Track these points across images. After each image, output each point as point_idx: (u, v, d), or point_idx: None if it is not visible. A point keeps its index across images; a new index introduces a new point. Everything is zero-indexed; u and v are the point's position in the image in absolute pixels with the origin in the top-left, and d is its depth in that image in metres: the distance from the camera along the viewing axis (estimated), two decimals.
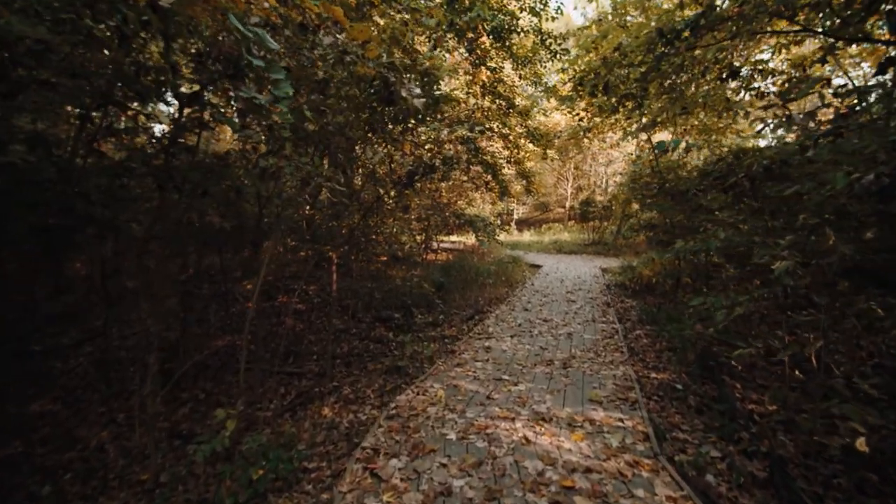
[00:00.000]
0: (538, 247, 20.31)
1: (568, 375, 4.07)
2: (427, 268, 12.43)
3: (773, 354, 4.85)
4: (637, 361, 4.97)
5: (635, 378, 4.05)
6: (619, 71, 5.70)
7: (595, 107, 6.71)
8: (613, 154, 24.69)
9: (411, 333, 7.52)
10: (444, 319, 7.97)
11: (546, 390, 3.72)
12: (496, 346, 5.02)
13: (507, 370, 4.24)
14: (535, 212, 33.06)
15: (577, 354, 4.71)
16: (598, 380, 4.02)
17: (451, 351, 4.92)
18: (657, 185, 5.31)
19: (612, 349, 4.91)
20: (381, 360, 5.94)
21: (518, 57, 9.24)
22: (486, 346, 5.02)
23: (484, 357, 4.70)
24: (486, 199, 18.98)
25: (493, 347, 5.00)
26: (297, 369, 5.87)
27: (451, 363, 4.56)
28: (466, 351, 4.94)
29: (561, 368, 4.27)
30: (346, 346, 6.85)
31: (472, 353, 4.83)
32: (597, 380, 4.01)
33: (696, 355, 4.73)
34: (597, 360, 4.51)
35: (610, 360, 4.56)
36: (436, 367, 4.53)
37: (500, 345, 5.08)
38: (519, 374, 4.12)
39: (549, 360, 4.47)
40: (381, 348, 6.61)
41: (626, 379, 4.03)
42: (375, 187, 5.18)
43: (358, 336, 7.46)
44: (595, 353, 4.79)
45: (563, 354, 4.70)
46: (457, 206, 14.70)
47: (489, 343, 5.19)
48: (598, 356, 4.67)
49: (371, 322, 8.29)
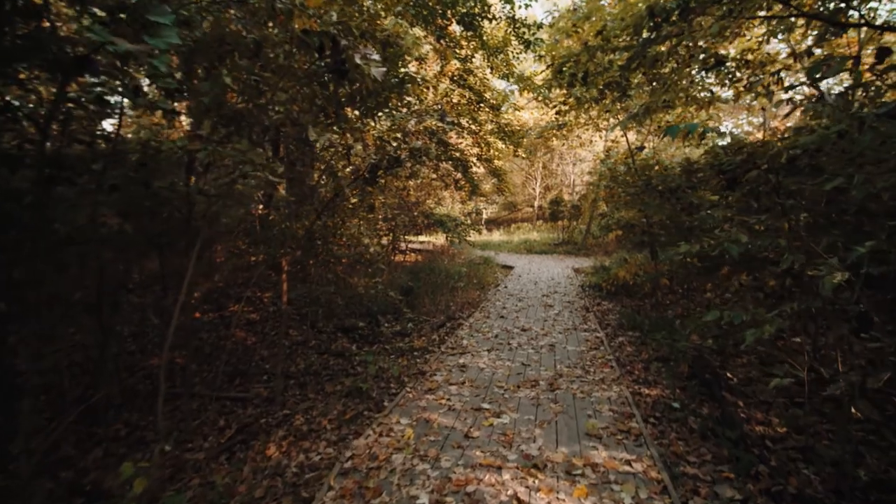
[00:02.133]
0: (508, 247, 19.98)
1: (557, 400, 3.53)
2: (395, 270, 11.75)
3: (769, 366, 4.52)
4: (625, 374, 4.52)
5: (632, 401, 3.55)
6: (601, 57, 5.25)
7: (573, 98, 6.25)
8: (581, 154, 24.77)
9: (377, 345, 6.85)
10: (414, 328, 7.34)
11: (534, 422, 3.16)
12: (472, 364, 4.44)
13: (487, 395, 3.68)
14: (504, 211, 32.89)
15: (564, 372, 4.20)
16: (592, 404, 3.50)
17: (422, 372, 4.29)
18: (644, 182, 4.91)
19: (601, 363, 4.43)
20: (341, 379, 5.24)
21: (489, 47, 8.72)
22: (461, 364, 4.43)
23: (459, 378, 4.15)
24: (456, 198, 18.47)
25: (469, 365, 4.43)
26: (242, 394, 5.07)
27: (421, 388, 3.92)
28: (439, 370, 4.32)
29: (548, 390, 3.74)
30: (301, 363, 6.09)
31: (445, 374, 4.22)
32: (590, 404, 3.49)
33: (690, 367, 4.32)
34: (586, 379, 4.01)
35: (600, 377, 4.07)
36: (403, 394, 3.87)
37: (477, 362, 4.51)
38: (501, 400, 3.55)
39: (533, 381, 3.93)
40: (343, 364, 5.90)
41: (623, 402, 3.53)
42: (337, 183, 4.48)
43: (317, 349, 6.70)
44: (583, 368, 4.30)
45: (548, 372, 4.18)
46: (425, 206, 14.08)
47: (464, 360, 4.60)
48: (586, 373, 4.18)
49: (332, 332, 7.53)
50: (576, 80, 5.70)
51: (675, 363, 4.41)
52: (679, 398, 4.00)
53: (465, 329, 6.04)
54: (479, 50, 8.91)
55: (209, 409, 4.75)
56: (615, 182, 7.06)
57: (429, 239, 18.81)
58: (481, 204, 29.13)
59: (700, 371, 4.28)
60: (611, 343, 5.61)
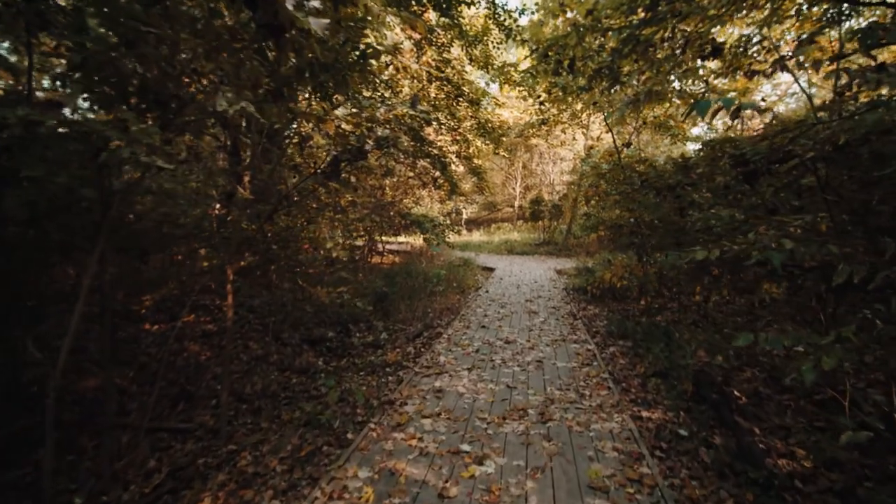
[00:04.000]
0: (489, 247, 19.52)
1: (550, 437, 2.97)
2: (370, 273, 11.08)
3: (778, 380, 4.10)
4: (622, 392, 4.03)
5: (638, 435, 3.02)
6: (590, 41, 4.75)
7: (558, 88, 5.76)
8: (562, 153, 24.56)
9: (346, 359, 6.22)
10: (388, 339, 6.72)
11: (525, 470, 2.58)
12: (450, 388, 3.86)
13: (468, 432, 3.08)
14: (484, 211, 32.49)
15: (556, 395, 3.66)
16: (592, 441, 2.94)
17: (390, 401, 3.65)
18: (640, 179, 4.46)
19: (596, 383, 3.92)
20: (301, 403, 4.59)
21: (468, 35, 8.17)
22: (437, 389, 3.83)
23: (434, 408, 3.53)
24: (435, 198, 17.90)
25: (447, 390, 3.87)
26: (183, 424, 4.36)
27: (388, 423, 3.28)
28: (411, 398, 3.69)
29: (539, 422, 3.18)
30: (259, 382, 5.40)
31: (418, 402, 3.60)
32: (589, 441, 2.94)
33: (694, 385, 3.86)
34: (581, 405, 3.48)
35: (597, 402, 3.55)
36: (366, 433, 3.21)
37: (456, 385, 3.92)
38: (484, 437, 2.96)
39: (521, 409, 3.37)
40: (305, 384, 5.24)
41: (628, 437, 3.00)
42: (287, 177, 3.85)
43: (278, 366, 6.01)
44: (576, 390, 3.77)
45: (537, 397, 3.62)
46: (402, 205, 13.45)
47: (441, 382, 4.00)
48: (581, 396, 3.65)
49: (298, 344, 6.83)
50: (562, 67, 5.20)
51: (677, 381, 3.94)
52: (685, 422, 3.52)
53: (443, 342, 5.45)
54: (457, 39, 8.35)
55: (141, 445, 4.03)
56: (602, 179, 6.60)
57: (408, 239, 18.18)
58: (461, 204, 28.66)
59: (705, 388, 3.82)
60: (602, 354, 5.13)
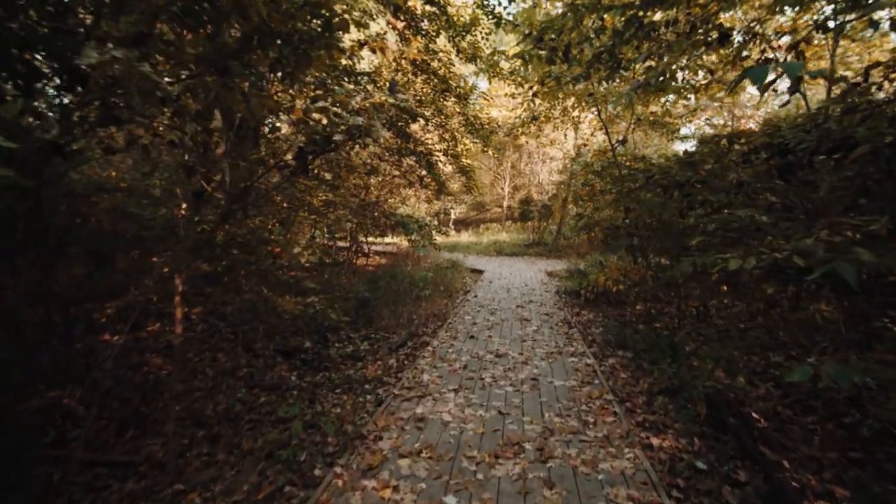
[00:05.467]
0: (477, 248, 19.08)
1: (552, 482, 2.43)
2: (354, 275, 10.54)
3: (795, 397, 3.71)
4: (626, 414, 3.59)
5: (657, 479, 2.54)
6: (588, 23, 4.32)
7: (552, 79, 5.32)
8: (551, 152, 24.27)
9: (322, 373, 5.69)
10: (369, 349, 6.21)
11: None
12: (434, 415, 3.37)
13: (452, 476, 2.57)
14: (473, 212, 32.10)
15: (555, 424, 3.16)
16: (602, 487, 2.41)
17: (361, 436, 3.10)
18: (644, 176, 4.05)
19: (599, 407, 3.46)
20: (265, 428, 4.06)
21: (456, 25, 7.70)
22: (418, 417, 3.33)
23: (413, 443, 2.99)
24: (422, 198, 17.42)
25: (429, 418, 3.36)
26: (127, 456, 3.79)
27: (358, 465, 2.71)
28: (388, 429, 3.17)
29: (538, 461, 2.67)
30: (223, 401, 4.85)
31: (395, 435, 3.12)
32: (599, 487, 2.42)
33: (708, 406, 3.44)
34: (586, 437, 2.99)
35: (603, 431, 3.08)
36: (330, 481, 2.66)
37: (440, 410, 3.39)
38: (472, 485, 2.43)
39: (516, 444, 2.87)
40: (275, 403, 4.71)
41: (645, 482, 2.50)
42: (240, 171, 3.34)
43: (247, 381, 5.45)
44: (578, 417, 3.29)
45: (534, 426, 3.12)
46: (387, 205, 12.93)
47: (422, 408, 3.49)
48: (584, 425, 3.17)
49: (271, 356, 6.28)
50: (556, 55, 4.77)
51: (688, 402, 3.51)
52: (701, 451, 3.09)
53: (427, 356, 4.95)
54: (444, 30, 7.88)
55: (75, 485, 3.46)
56: (598, 177, 6.19)
57: (395, 240, 17.66)
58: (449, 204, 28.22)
59: (720, 410, 3.41)
60: (601, 367, 4.70)
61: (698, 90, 5.32)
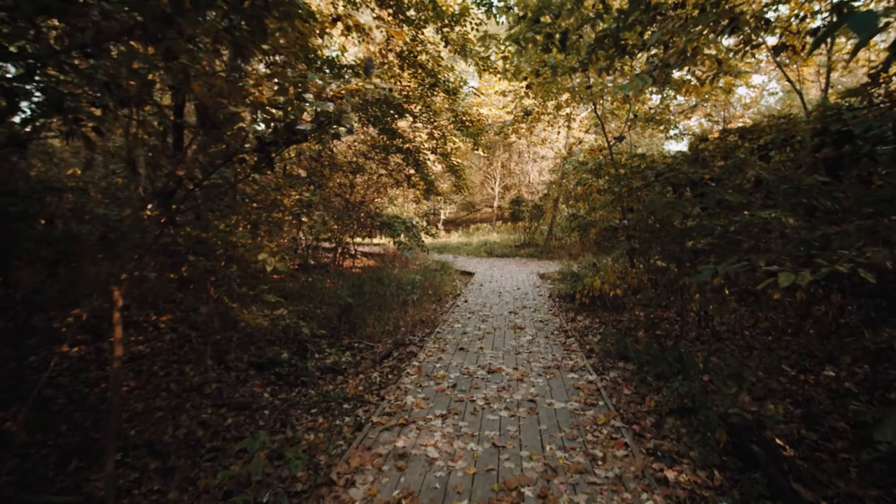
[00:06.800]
0: (467, 249, 18.67)
1: None
2: (339, 278, 10.05)
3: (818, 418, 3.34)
4: (635, 440, 3.19)
5: None
6: (589, 3, 3.92)
7: (548, 68, 4.92)
8: (542, 152, 23.98)
9: (299, 388, 5.22)
10: (351, 361, 5.75)
11: None
12: (417, 450, 2.90)
13: None
14: (463, 212, 31.71)
15: (558, 460, 2.71)
16: None
17: (330, 482, 2.59)
18: (653, 173, 3.66)
19: (607, 437, 3.02)
20: (227, 459, 3.58)
21: (444, 15, 7.26)
22: (399, 453, 2.83)
23: (392, 490, 2.48)
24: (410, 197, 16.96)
25: (412, 454, 2.87)
26: (62, 497, 3.28)
27: None
28: (362, 469, 2.68)
29: None
30: (185, 423, 4.35)
31: (370, 479, 2.62)
32: None
33: (728, 433, 3.05)
34: (595, 477, 2.52)
35: (615, 471, 2.62)
36: None
37: (424, 444, 2.90)
38: None
39: (514, 490, 2.39)
40: (242, 427, 4.23)
41: None
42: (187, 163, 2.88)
43: (214, 399, 4.96)
44: (584, 450, 2.83)
45: (534, 464, 2.64)
46: (374, 205, 12.45)
47: (404, 440, 3.00)
48: (592, 462, 2.69)
49: (244, 369, 5.79)
50: (552, 42, 4.36)
51: (703, 427, 3.12)
52: (723, 488, 2.70)
53: (413, 373, 4.50)
54: (431, 21, 7.44)
55: None
56: (595, 175, 5.80)
57: (383, 241, 17.18)
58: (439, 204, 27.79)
59: (740, 435, 3.02)
60: (603, 380, 4.30)
61: (704, 82, 4.95)
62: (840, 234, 1.96)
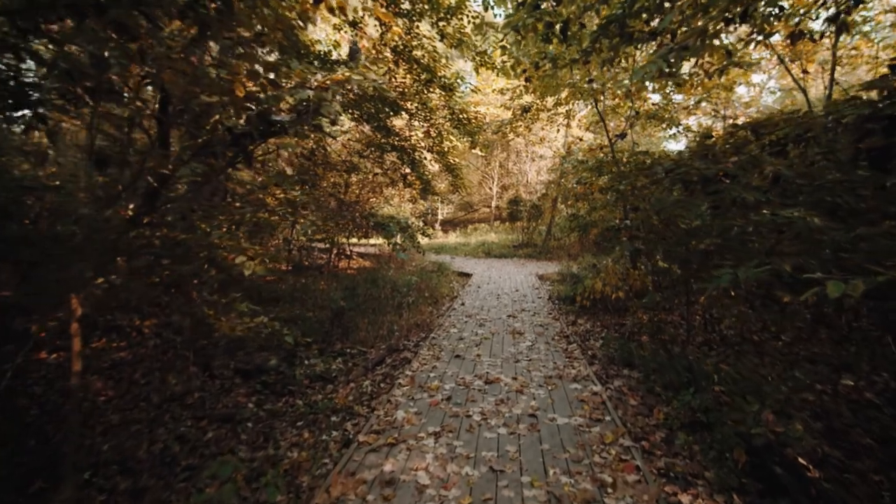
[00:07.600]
0: (465, 250, 18.42)
1: None
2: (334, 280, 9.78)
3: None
4: (645, 459, 2.94)
5: None
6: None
7: (548, 60, 4.67)
8: (540, 151, 23.74)
9: (286, 398, 4.97)
10: (342, 368, 5.49)
11: None
12: (406, 476, 2.62)
13: None
14: (461, 212, 31.46)
15: (564, 488, 2.41)
16: None
17: None
18: (663, 169, 3.41)
19: (616, 458, 2.76)
20: (203, 479, 3.31)
21: (440, 7, 7.01)
22: (386, 479, 2.56)
23: None
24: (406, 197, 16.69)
25: (400, 480, 2.59)
26: None
27: None
28: (343, 501, 2.39)
29: None
30: (162, 437, 4.08)
31: None
32: None
33: (747, 452, 2.80)
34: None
35: (627, 500, 2.25)
36: None
37: (415, 468, 2.61)
38: None
39: None
40: (223, 442, 3.96)
41: None
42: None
43: (196, 410, 4.70)
44: (591, 474, 2.54)
45: (536, 492, 2.17)
46: (369, 205, 12.20)
47: (392, 463, 2.71)
48: (601, 489, 2.33)
49: (230, 377, 5.53)
50: (553, 33, 4.12)
51: (721, 446, 2.87)
52: None
53: (405, 384, 4.23)
54: (427, 14, 7.18)
55: None
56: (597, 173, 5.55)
57: (379, 241, 16.92)
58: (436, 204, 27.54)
59: (761, 454, 2.77)
60: (607, 391, 4.05)
61: (712, 75, 4.71)
62: (884, 236, 1.72)
